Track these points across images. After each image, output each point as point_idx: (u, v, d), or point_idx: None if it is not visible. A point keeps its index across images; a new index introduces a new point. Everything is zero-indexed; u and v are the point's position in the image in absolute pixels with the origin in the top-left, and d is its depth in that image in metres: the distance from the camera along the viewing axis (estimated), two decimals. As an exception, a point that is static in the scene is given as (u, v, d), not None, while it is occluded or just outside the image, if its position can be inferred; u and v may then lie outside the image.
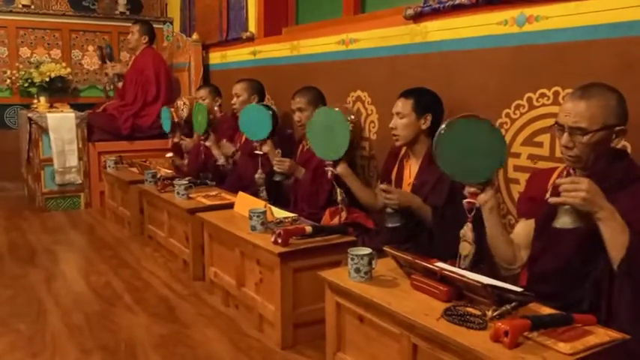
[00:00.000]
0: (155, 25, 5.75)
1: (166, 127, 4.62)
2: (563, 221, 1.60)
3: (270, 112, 3.33)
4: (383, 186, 2.40)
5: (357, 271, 1.83)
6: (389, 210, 2.42)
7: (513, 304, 1.50)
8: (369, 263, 1.84)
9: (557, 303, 1.65)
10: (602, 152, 1.70)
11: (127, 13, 6.23)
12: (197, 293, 2.99)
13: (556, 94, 2.30)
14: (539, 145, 2.36)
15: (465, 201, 1.96)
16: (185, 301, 2.89)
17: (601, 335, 1.44)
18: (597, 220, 1.57)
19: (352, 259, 1.84)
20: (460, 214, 2.41)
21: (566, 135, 1.71)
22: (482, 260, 2.05)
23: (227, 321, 2.65)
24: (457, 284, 1.64)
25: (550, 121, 2.32)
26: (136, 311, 2.75)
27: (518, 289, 1.57)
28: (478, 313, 1.53)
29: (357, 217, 2.91)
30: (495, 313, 1.48)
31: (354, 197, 2.92)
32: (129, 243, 3.98)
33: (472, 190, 1.93)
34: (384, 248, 1.90)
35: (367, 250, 1.86)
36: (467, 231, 1.98)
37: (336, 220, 2.89)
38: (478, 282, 1.52)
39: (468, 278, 1.56)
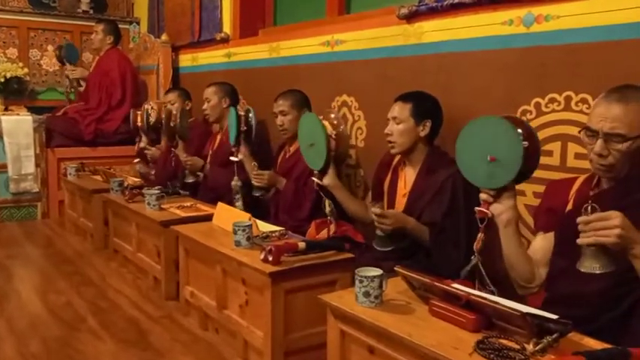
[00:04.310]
0: (121, 26, 5.42)
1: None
2: (590, 265, 1.40)
3: (236, 113, 3.12)
4: (376, 210, 2.19)
5: (367, 294, 1.60)
6: (379, 233, 2.22)
7: (554, 335, 1.30)
8: (380, 286, 1.61)
9: (582, 329, 1.46)
10: (637, 161, 1.54)
11: (90, 11, 5.87)
12: (171, 315, 2.70)
13: (568, 98, 2.14)
14: (549, 154, 2.19)
15: (476, 209, 1.73)
16: (158, 325, 2.59)
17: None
18: (632, 257, 1.40)
19: (361, 282, 1.60)
20: (461, 229, 2.23)
21: (600, 142, 1.53)
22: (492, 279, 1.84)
23: (206, 347, 2.38)
24: (486, 311, 1.43)
25: (561, 128, 2.19)
26: (102, 336, 2.45)
27: (555, 317, 1.37)
28: (516, 346, 1.32)
29: (346, 231, 2.70)
30: (537, 347, 1.28)
31: (342, 209, 2.71)
32: (92, 257, 3.65)
33: (485, 197, 1.70)
34: (396, 269, 1.67)
35: (378, 271, 1.63)
36: (477, 243, 1.76)
37: (323, 234, 2.68)
38: (516, 310, 1.31)
39: (504, 306, 1.35)
